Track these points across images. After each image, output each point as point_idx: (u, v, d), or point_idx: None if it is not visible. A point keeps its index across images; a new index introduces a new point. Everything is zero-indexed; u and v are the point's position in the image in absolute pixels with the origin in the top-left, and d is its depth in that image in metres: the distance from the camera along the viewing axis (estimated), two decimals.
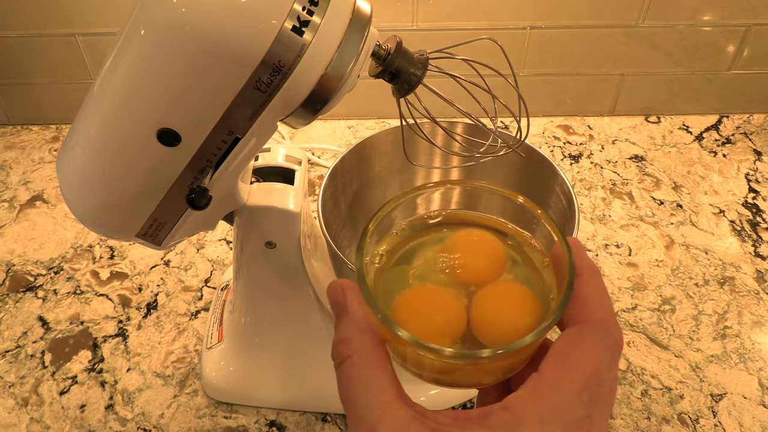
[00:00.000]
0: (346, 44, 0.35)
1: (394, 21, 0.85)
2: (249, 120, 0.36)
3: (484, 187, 0.31)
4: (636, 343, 0.66)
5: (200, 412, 0.61)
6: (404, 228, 0.32)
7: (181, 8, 0.33)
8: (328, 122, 0.97)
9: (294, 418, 0.61)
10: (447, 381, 0.29)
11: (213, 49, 0.33)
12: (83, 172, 0.40)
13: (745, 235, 0.78)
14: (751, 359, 0.65)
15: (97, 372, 0.65)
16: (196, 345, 0.67)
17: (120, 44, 0.36)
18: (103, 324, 0.69)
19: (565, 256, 0.27)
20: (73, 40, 0.88)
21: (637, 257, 0.75)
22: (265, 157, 0.51)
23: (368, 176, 0.63)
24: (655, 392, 0.62)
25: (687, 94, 0.94)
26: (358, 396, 0.25)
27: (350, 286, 0.28)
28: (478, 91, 0.44)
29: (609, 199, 0.83)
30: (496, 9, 0.84)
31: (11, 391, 0.63)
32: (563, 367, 0.25)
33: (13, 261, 0.77)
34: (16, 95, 0.95)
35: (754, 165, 0.88)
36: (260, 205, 0.47)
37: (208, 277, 0.74)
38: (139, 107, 0.36)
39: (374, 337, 0.27)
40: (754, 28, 0.86)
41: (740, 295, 0.71)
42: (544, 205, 0.58)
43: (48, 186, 0.87)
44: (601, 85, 0.93)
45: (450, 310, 0.28)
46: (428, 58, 0.41)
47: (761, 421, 0.60)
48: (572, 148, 0.92)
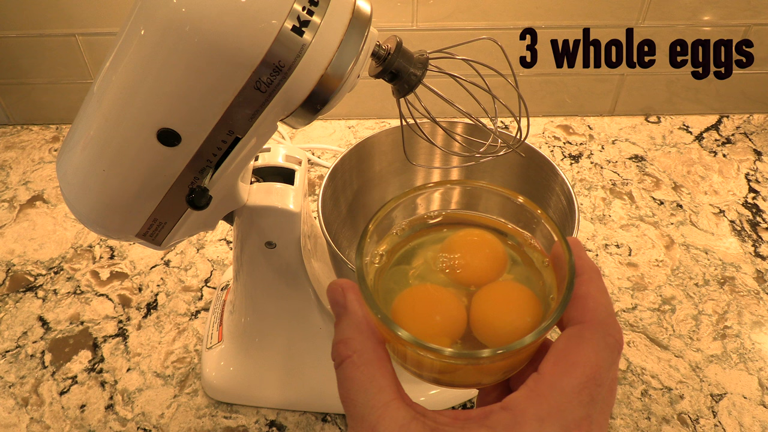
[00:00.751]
0: (346, 44, 0.35)
1: (394, 21, 0.85)
2: (249, 120, 0.36)
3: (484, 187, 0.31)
4: (636, 343, 0.66)
5: (200, 412, 0.61)
6: (404, 228, 0.32)
7: (181, 8, 0.33)
8: (328, 122, 0.97)
9: (294, 418, 0.61)
10: (447, 381, 0.29)
11: (213, 49, 0.33)
12: (83, 172, 0.40)
13: (745, 235, 0.78)
14: (751, 359, 0.65)
15: (97, 372, 0.65)
16: (196, 345, 0.67)
17: (120, 44, 0.36)
18: (103, 324, 0.69)
19: (565, 256, 0.27)
20: (73, 40, 0.88)
21: (637, 257, 0.75)
22: (265, 157, 0.51)
23: (368, 176, 0.63)
24: (655, 392, 0.62)
25: (687, 94, 0.94)
26: (357, 396, 0.25)
27: (350, 286, 0.28)
28: (478, 91, 0.44)
29: (609, 199, 0.83)
30: (496, 9, 0.84)
31: (11, 391, 0.63)
32: (563, 367, 0.25)
33: (13, 261, 0.77)
34: (16, 95, 0.95)
35: (754, 165, 0.88)
36: (260, 205, 0.47)
37: (208, 277, 0.74)
38: (139, 107, 0.36)
39: (374, 337, 0.27)
40: (754, 28, 0.86)
41: (740, 295, 0.71)
42: (544, 205, 0.58)
43: (48, 186, 0.87)
44: (601, 85, 0.93)
45: (450, 310, 0.28)
46: (428, 58, 0.41)
47: (761, 421, 0.60)
48: (572, 148, 0.92)
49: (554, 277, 0.29)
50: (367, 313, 0.27)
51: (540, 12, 0.84)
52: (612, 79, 0.92)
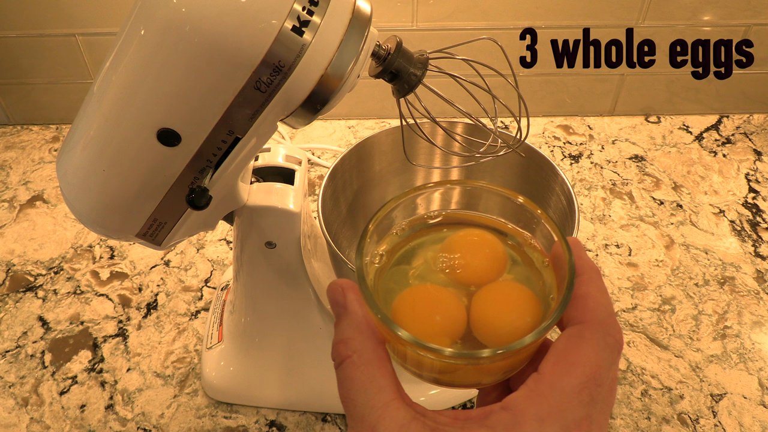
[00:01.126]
0: (346, 44, 0.35)
1: (394, 21, 0.85)
2: (249, 120, 0.36)
3: (484, 187, 0.31)
4: (636, 343, 0.66)
5: (200, 412, 0.61)
6: (404, 228, 0.32)
7: (181, 8, 0.33)
8: (328, 122, 0.97)
9: (294, 418, 0.61)
10: (447, 381, 0.29)
11: (213, 49, 0.33)
12: (83, 172, 0.40)
13: (745, 235, 0.78)
14: (751, 359, 0.65)
15: (97, 372, 0.65)
16: (196, 345, 0.67)
17: (120, 44, 0.36)
18: (103, 324, 0.69)
19: (565, 255, 0.27)
20: (73, 40, 0.88)
21: (637, 257, 0.75)
22: (265, 157, 0.51)
23: (368, 176, 0.63)
24: (655, 392, 0.62)
25: (687, 94, 0.94)
26: (357, 396, 0.25)
27: (350, 286, 0.28)
28: (478, 91, 0.44)
29: (609, 199, 0.83)
30: (496, 9, 0.84)
31: (11, 391, 0.63)
32: (563, 367, 0.25)
33: (13, 261, 0.77)
34: (16, 95, 0.95)
35: (754, 165, 0.88)
36: (260, 205, 0.47)
37: (208, 277, 0.74)
38: (139, 107, 0.36)
39: (374, 337, 0.27)
40: (754, 28, 0.86)
41: (740, 295, 0.71)
42: (544, 205, 0.58)
43: (48, 186, 0.87)
44: (601, 85, 0.93)
45: (450, 310, 0.28)
46: (428, 58, 0.41)
47: (761, 421, 0.60)
48: (572, 148, 0.92)
49: (554, 277, 0.29)
50: (367, 313, 0.27)
51: (540, 12, 0.84)
52: (612, 79, 0.92)
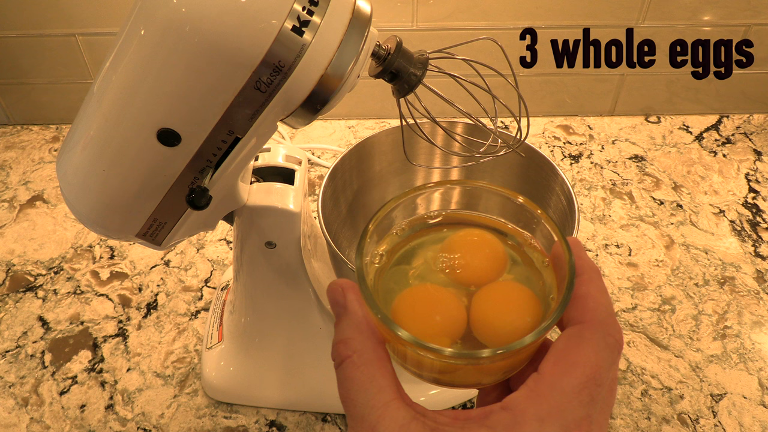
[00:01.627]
0: (346, 44, 0.35)
1: (394, 21, 0.85)
2: (249, 120, 0.36)
3: (484, 187, 0.31)
4: (636, 343, 0.66)
5: (200, 412, 0.61)
6: (404, 228, 0.32)
7: (181, 8, 0.33)
8: (328, 122, 0.97)
9: (294, 418, 0.61)
10: (447, 381, 0.29)
11: (213, 49, 0.33)
12: (83, 172, 0.40)
13: (745, 235, 0.78)
14: (751, 359, 0.65)
15: (97, 372, 0.65)
16: (196, 345, 0.67)
17: (120, 44, 0.36)
18: (103, 324, 0.69)
19: (565, 255, 0.27)
20: (73, 40, 0.88)
21: (637, 257, 0.75)
22: (265, 157, 0.51)
23: (368, 176, 0.63)
24: (655, 392, 0.62)
25: (687, 94, 0.94)
26: (357, 396, 0.25)
27: (350, 286, 0.28)
28: (478, 91, 0.44)
29: (609, 199, 0.83)
30: (496, 9, 0.84)
31: (11, 391, 0.63)
32: (563, 367, 0.25)
33: (13, 261, 0.77)
34: (16, 95, 0.95)
35: (754, 165, 0.88)
36: (260, 205, 0.47)
37: (208, 277, 0.74)
38: (139, 107, 0.36)
39: (374, 337, 0.27)
40: (754, 28, 0.86)
41: (740, 295, 0.71)
42: (544, 205, 0.58)
43: (48, 186, 0.87)
44: (601, 85, 0.93)
45: (450, 310, 0.28)
46: (428, 58, 0.41)
47: (761, 421, 0.60)
48: (572, 148, 0.92)
49: (554, 277, 0.29)
50: (367, 313, 0.27)
51: (540, 12, 0.84)
52: (612, 79, 0.92)
